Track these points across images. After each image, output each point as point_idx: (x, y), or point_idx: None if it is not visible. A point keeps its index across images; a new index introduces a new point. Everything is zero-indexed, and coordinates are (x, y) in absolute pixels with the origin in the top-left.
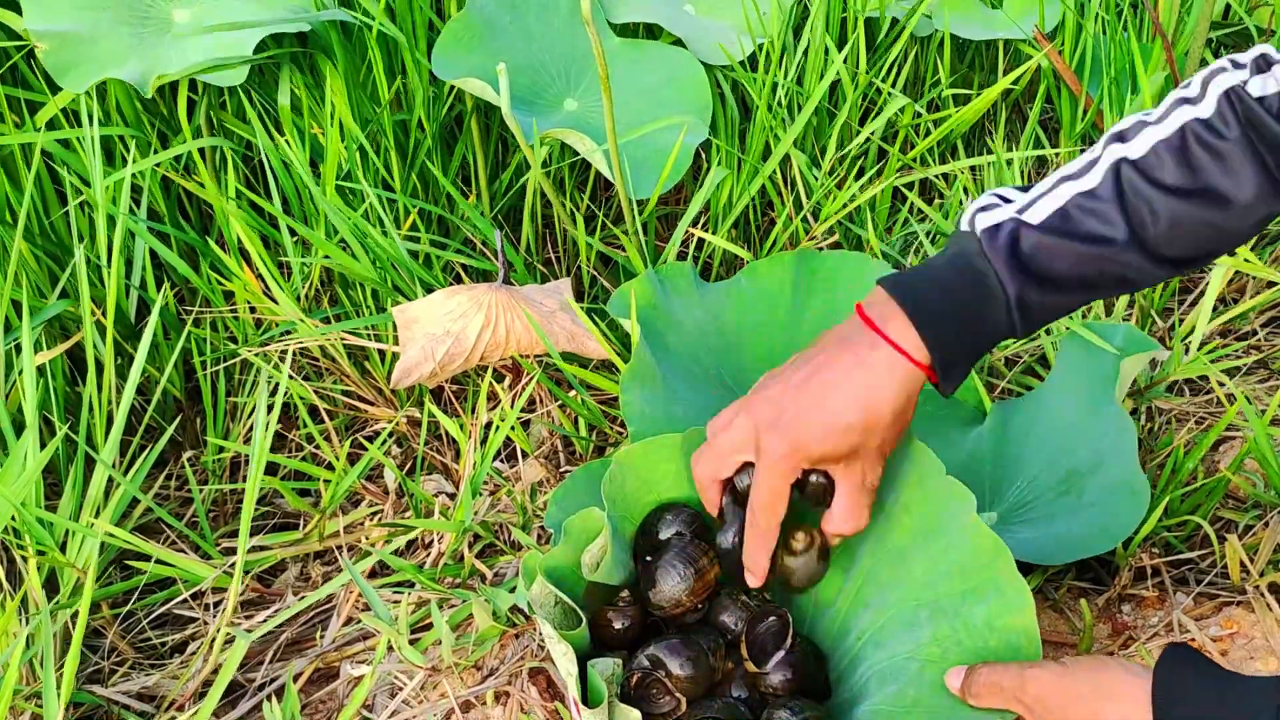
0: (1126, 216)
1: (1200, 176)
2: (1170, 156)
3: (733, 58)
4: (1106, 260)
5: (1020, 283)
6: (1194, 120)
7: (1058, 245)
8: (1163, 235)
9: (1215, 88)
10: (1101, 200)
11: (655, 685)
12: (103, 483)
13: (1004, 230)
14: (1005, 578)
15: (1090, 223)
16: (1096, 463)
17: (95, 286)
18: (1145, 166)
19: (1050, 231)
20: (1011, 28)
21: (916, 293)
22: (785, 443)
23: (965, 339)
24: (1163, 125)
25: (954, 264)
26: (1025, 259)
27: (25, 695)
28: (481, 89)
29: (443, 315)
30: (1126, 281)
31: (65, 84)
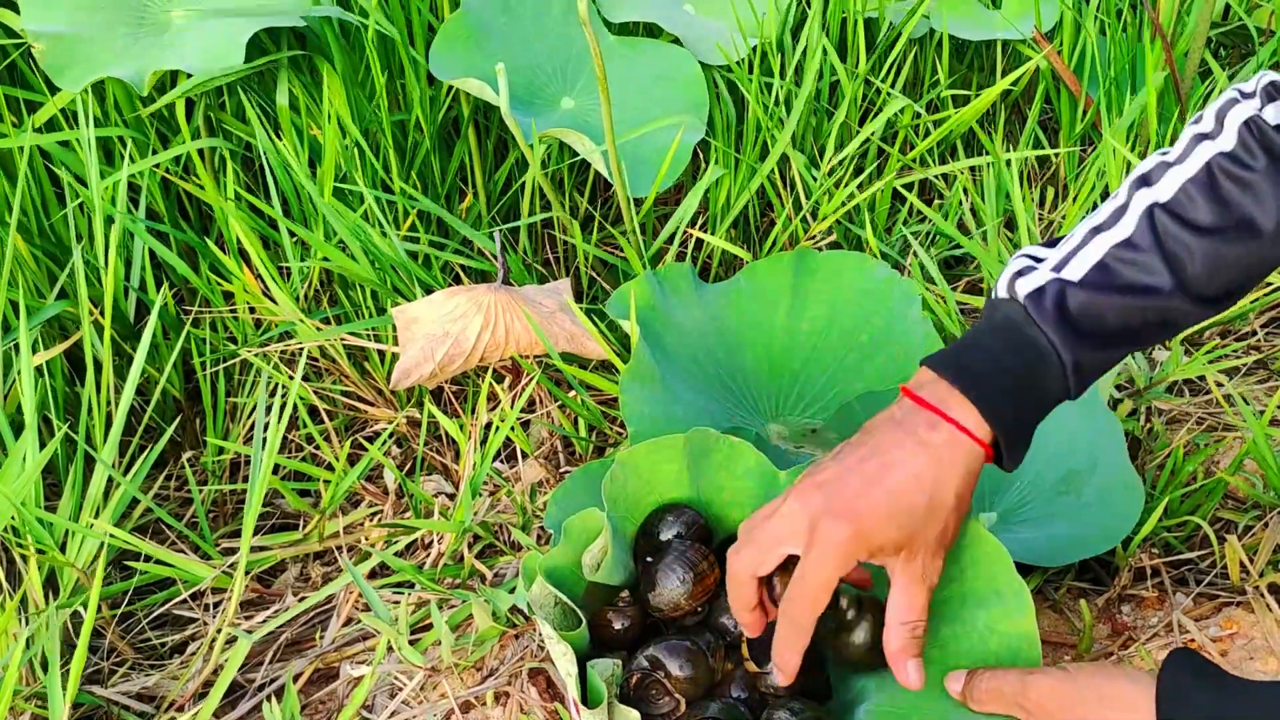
0: (1168, 262)
1: (1233, 210)
2: (1200, 194)
3: (730, 57)
4: (1152, 309)
5: (1074, 345)
6: (1218, 155)
7: (1105, 300)
8: (1202, 275)
9: (1232, 120)
10: (1140, 250)
11: (654, 686)
12: (102, 483)
13: (1048, 293)
14: (1005, 582)
15: (1132, 273)
16: (1093, 463)
17: (94, 287)
18: (1177, 208)
19: (1093, 287)
20: (1010, 28)
21: (970, 369)
22: (845, 528)
23: (1025, 410)
24: (1187, 164)
25: (1003, 334)
26: (1075, 319)
27: (25, 696)
28: (480, 88)
29: (442, 316)
30: (1172, 325)
31: (62, 83)
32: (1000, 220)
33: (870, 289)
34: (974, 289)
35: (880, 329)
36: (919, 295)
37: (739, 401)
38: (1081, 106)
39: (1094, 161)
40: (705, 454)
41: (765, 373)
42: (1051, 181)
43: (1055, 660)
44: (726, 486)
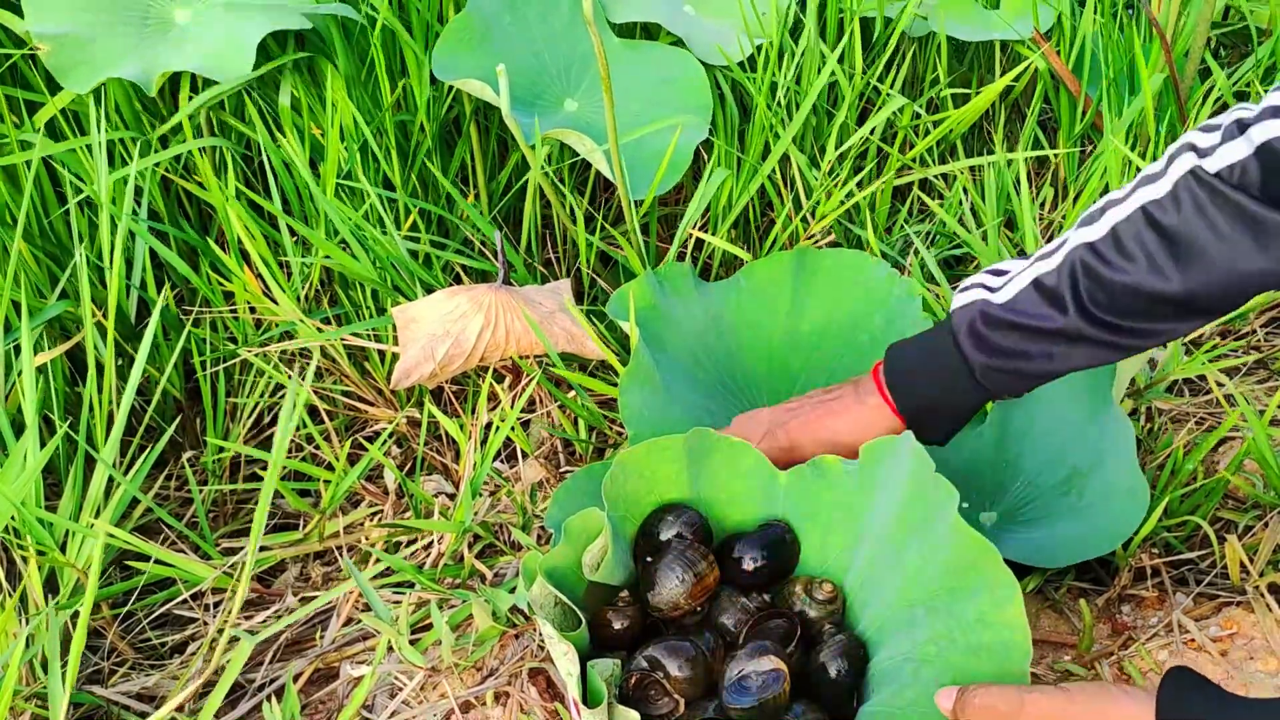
0: (1076, 297)
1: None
2: (1125, 236)
3: (731, 59)
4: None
5: (980, 353)
6: (1150, 202)
7: (1010, 321)
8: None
9: (1176, 169)
10: (1057, 284)
11: (653, 686)
12: (103, 483)
13: (972, 310)
14: (992, 573)
15: (1041, 306)
16: (1096, 463)
17: (95, 287)
18: (1100, 248)
19: (1007, 309)
20: (1009, 29)
21: (898, 365)
22: (783, 441)
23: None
24: (1122, 206)
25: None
26: (981, 334)
27: (25, 696)
28: (481, 89)
29: (443, 316)
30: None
31: (68, 84)
32: (1000, 220)
33: (870, 288)
34: None
35: (880, 328)
36: (919, 295)
37: (739, 401)
38: (1081, 106)
39: (1094, 161)
40: (705, 454)
41: (765, 372)
42: (1051, 182)
43: (1055, 659)
44: (726, 487)
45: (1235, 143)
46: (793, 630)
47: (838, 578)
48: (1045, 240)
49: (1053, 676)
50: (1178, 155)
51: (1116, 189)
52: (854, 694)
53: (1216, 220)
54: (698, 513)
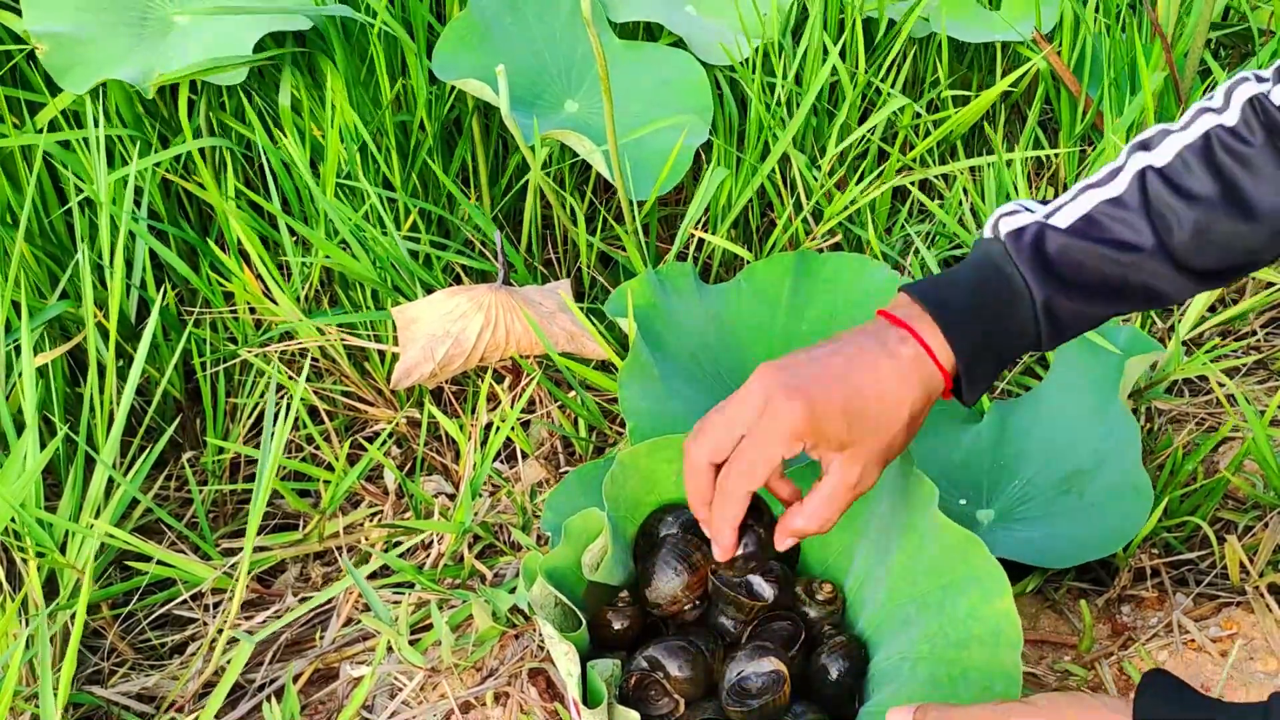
0: (1152, 224)
1: (1226, 182)
2: (1196, 161)
3: (733, 57)
4: (1133, 267)
5: (1047, 285)
6: (1219, 126)
7: (1084, 248)
8: (1189, 244)
9: (1238, 96)
10: (1127, 208)
11: (653, 686)
12: (103, 483)
13: (1029, 232)
14: (980, 567)
15: (1117, 228)
16: (1098, 463)
17: (96, 287)
18: (1171, 173)
19: (1076, 234)
20: (1010, 29)
21: (941, 296)
22: (799, 406)
23: (991, 344)
24: (1187, 132)
25: (979, 267)
26: (1051, 261)
27: (25, 696)
28: (481, 89)
29: (443, 316)
30: (1154, 293)
31: (66, 85)
32: None
33: (870, 290)
34: None
35: None
36: None
37: None
38: (1081, 107)
39: (1094, 161)
40: None
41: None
42: (1052, 182)
43: (1055, 660)
44: None
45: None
46: (796, 633)
47: (838, 578)
48: None
49: (1053, 676)
50: (1236, 87)
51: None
52: (854, 695)
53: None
54: None
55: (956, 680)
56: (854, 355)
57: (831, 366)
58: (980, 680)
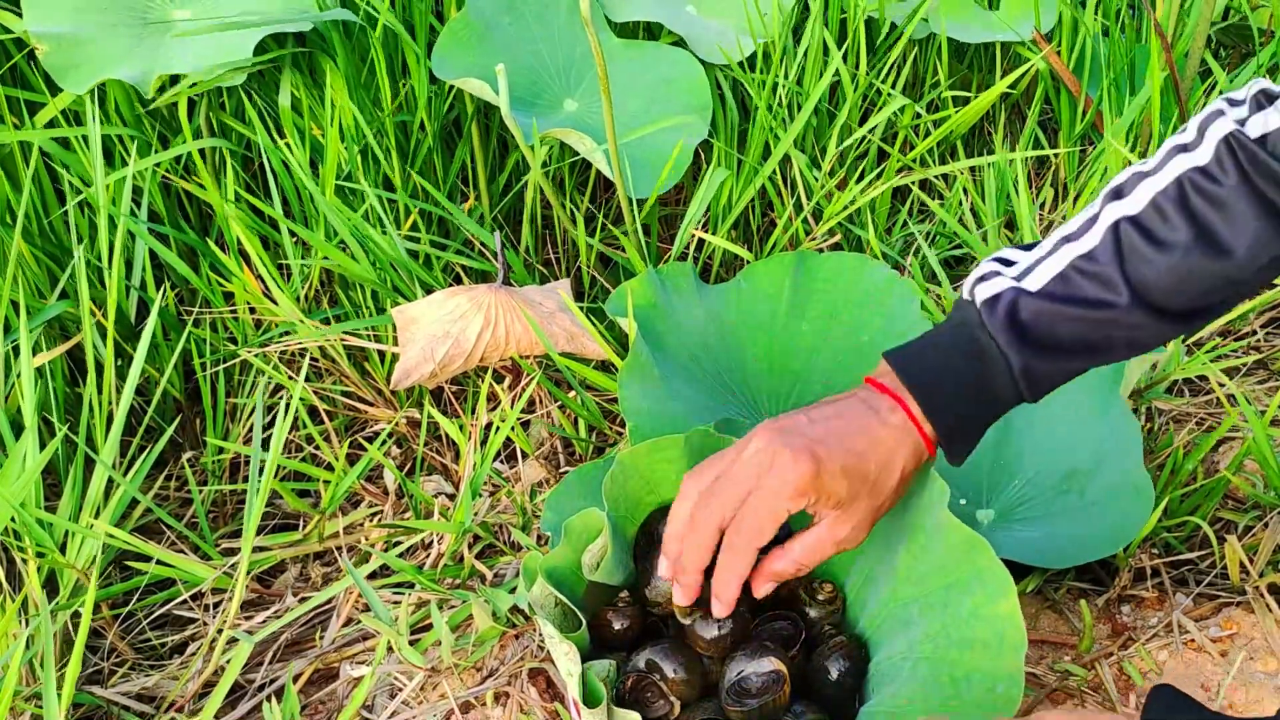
0: (1126, 277)
1: (1200, 226)
2: (1170, 208)
3: (731, 58)
4: (1110, 323)
5: (1022, 352)
6: (1192, 169)
7: (1058, 311)
8: (1168, 290)
9: (1213, 134)
10: (1100, 262)
11: (650, 688)
12: (102, 483)
13: (1003, 300)
14: (985, 567)
15: (1089, 286)
16: (1098, 463)
17: (95, 287)
18: (1145, 221)
19: (1049, 298)
20: (1009, 30)
21: (922, 370)
22: (806, 465)
23: (971, 412)
24: (1159, 176)
25: (956, 337)
26: (1025, 328)
27: (25, 696)
28: (481, 89)
29: (442, 316)
30: (1135, 343)
31: (66, 85)
32: (1000, 220)
33: (870, 290)
34: None
35: (880, 329)
36: (918, 296)
37: (739, 401)
38: (1081, 107)
39: (1094, 162)
40: (705, 454)
41: (765, 372)
42: (1052, 182)
43: (1055, 660)
44: None
45: (1268, 113)
46: (797, 634)
47: (838, 578)
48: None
49: (1052, 677)
50: (1210, 122)
51: (1140, 161)
52: (855, 695)
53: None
54: None
55: (959, 681)
56: (852, 420)
57: (833, 429)
58: (983, 682)
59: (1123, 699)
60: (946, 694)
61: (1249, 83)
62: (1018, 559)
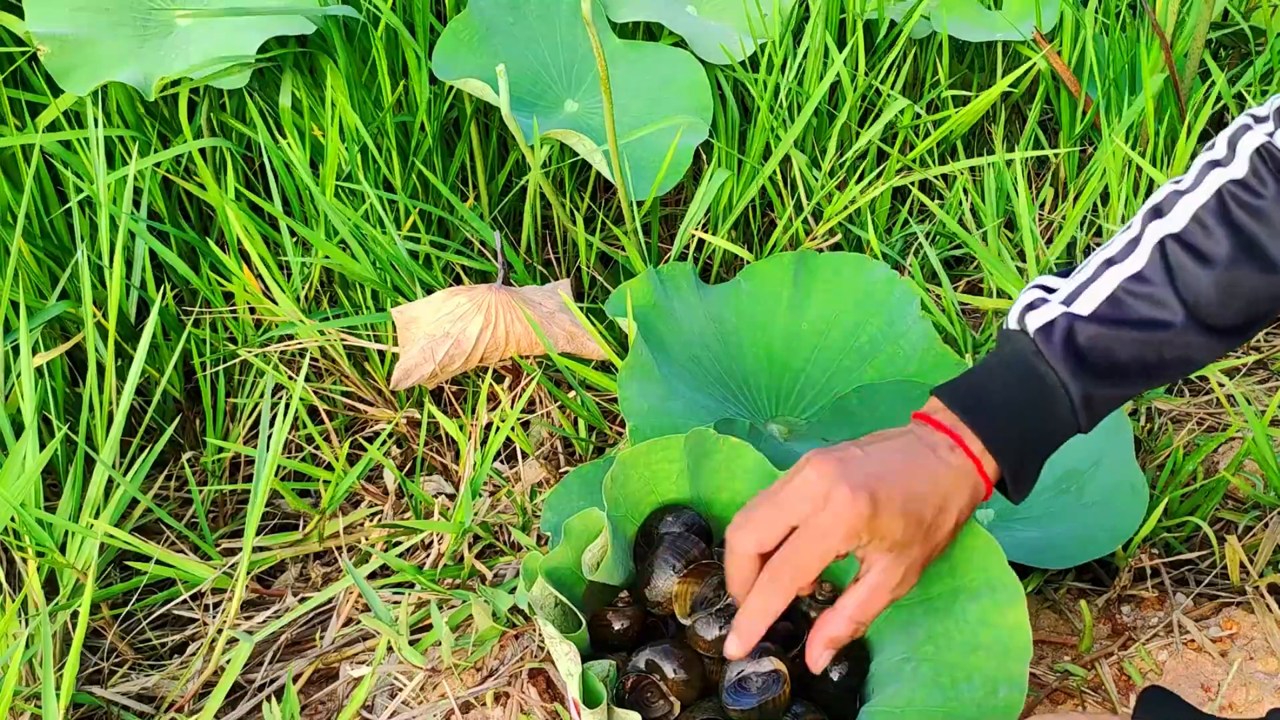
0: (1179, 295)
1: (1244, 238)
2: (1213, 222)
3: (734, 58)
4: (1167, 344)
5: (1082, 380)
6: (1229, 182)
7: (1115, 335)
8: (1215, 305)
9: (1244, 146)
10: (1151, 283)
11: (650, 688)
12: (102, 483)
13: (1058, 327)
14: (997, 574)
15: (1143, 307)
16: (1094, 463)
17: (95, 287)
18: (1189, 237)
19: (1104, 321)
20: (1010, 29)
21: (979, 403)
22: (864, 502)
23: (1031, 446)
24: (1198, 192)
25: (1012, 368)
26: (1083, 354)
27: (25, 696)
28: (481, 89)
29: (442, 316)
30: (1189, 362)
31: (67, 86)
32: (1000, 221)
33: (870, 289)
34: (974, 289)
35: (880, 329)
36: (918, 295)
37: (739, 400)
38: (1081, 107)
39: (1094, 162)
40: (705, 454)
41: (766, 372)
42: (1052, 182)
43: (1055, 660)
44: (726, 487)
45: None
46: (797, 633)
47: (840, 579)
48: (1046, 241)
49: (1052, 677)
50: (1240, 136)
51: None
52: (855, 695)
53: None
54: (697, 513)
55: (960, 684)
56: (911, 458)
57: (892, 465)
58: (985, 685)
59: (1123, 699)
60: (947, 695)
61: (1271, 98)
62: (1020, 560)
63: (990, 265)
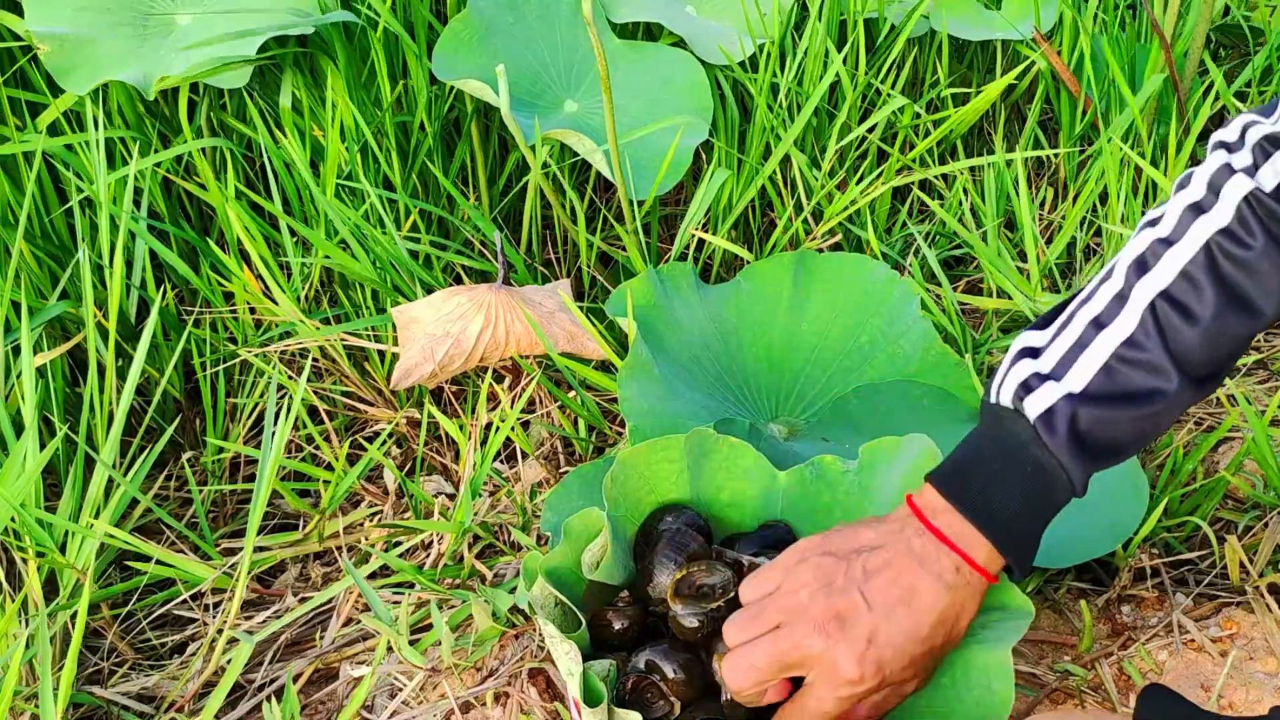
0: (1172, 358)
1: (1231, 291)
2: (1202, 278)
3: (732, 59)
4: (1165, 411)
5: (1084, 463)
6: (1217, 234)
7: (1116, 416)
8: (1202, 359)
9: (1230, 193)
10: (1145, 349)
11: (650, 689)
12: (102, 483)
13: (1059, 414)
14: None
15: (1139, 377)
16: None
17: (96, 287)
18: (1177, 295)
19: (1101, 400)
20: (1010, 29)
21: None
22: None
23: (1034, 530)
24: (1184, 244)
25: (1013, 458)
26: (1084, 439)
27: (25, 696)
28: (481, 90)
29: (442, 316)
30: (1177, 418)
31: (67, 86)
32: (1000, 220)
33: (870, 289)
34: (974, 289)
35: (880, 329)
36: (918, 295)
37: (739, 401)
38: (1080, 107)
39: (1093, 162)
40: (705, 454)
41: (766, 372)
42: (1051, 182)
43: (1055, 660)
44: (726, 487)
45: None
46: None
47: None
48: (1046, 240)
49: (1052, 677)
50: (1223, 180)
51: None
52: None
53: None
54: (697, 513)
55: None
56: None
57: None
58: (981, 680)
59: (1123, 699)
60: (945, 692)
61: (1236, 120)
62: None
63: (990, 265)
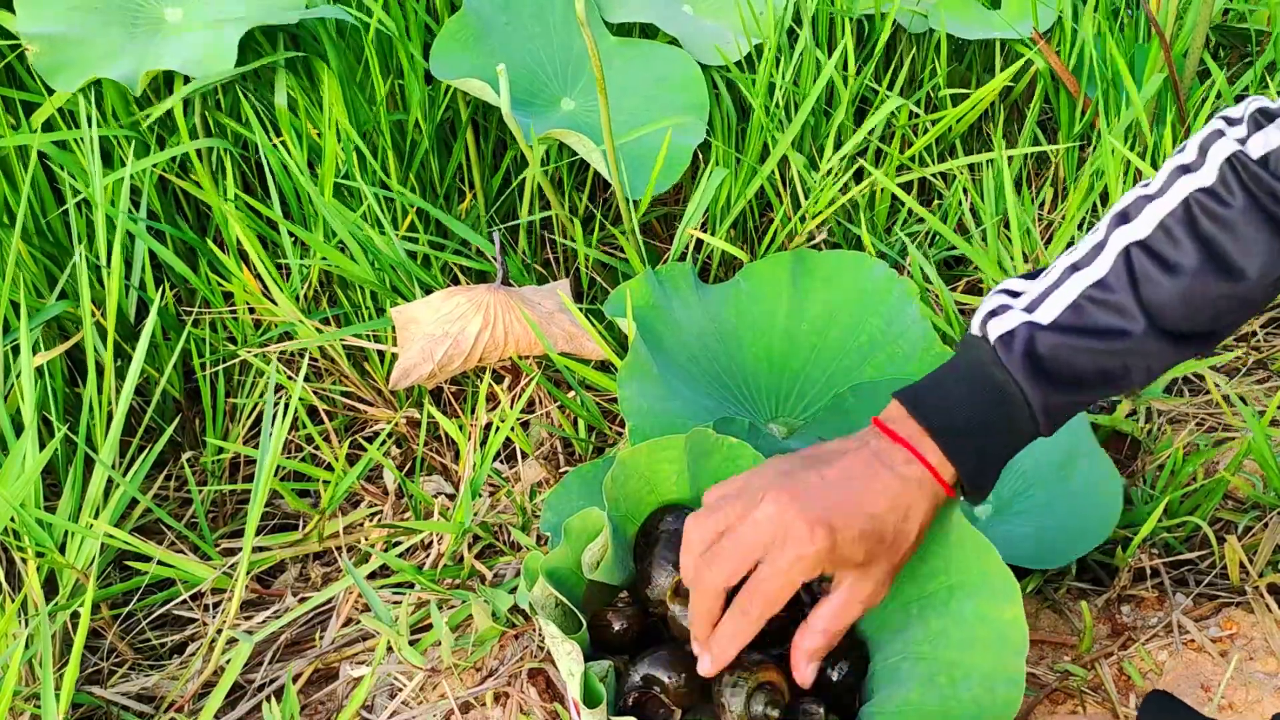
0: (1141, 304)
1: (1210, 248)
2: (1179, 230)
3: (728, 58)
4: (1127, 352)
5: (1041, 388)
6: (1197, 190)
7: (1075, 345)
8: (1180, 313)
9: (1215, 154)
10: (1114, 290)
11: (651, 701)
12: (102, 483)
13: (1018, 336)
14: (993, 570)
15: (1104, 316)
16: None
17: (94, 287)
18: (1154, 245)
19: (1064, 330)
20: (1009, 28)
21: (937, 410)
22: (822, 538)
23: (990, 451)
24: (1165, 199)
25: (972, 376)
26: (1044, 363)
27: (25, 696)
28: (480, 89)
29: (441, 316)
30: (1153, 370)
31: (56, 84)
32: (999, 220)
33: (869, 289)
34: (974, 289)
35: (879, 328)
36: (916, 294)
37: (739, 401)
38: (1080, 107)
39: (1093, 162)
40: (705, 454)
41: (765, 372)
42: (1051, 182)
43: (1055, 660)
44: None
45: (1267, 131)
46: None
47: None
48: (1045, 240)
49: (1052, 677)
50: (1211, 143)
51: (1142, 183)
52: (855, 695)
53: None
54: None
55: (958, 682)
56: (867, 480)
57: (848, 493)
58: (982, 682)
59: (1122, 699)
60: (944, 694)
61: (1245, 100)
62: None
63: (986, 266)
